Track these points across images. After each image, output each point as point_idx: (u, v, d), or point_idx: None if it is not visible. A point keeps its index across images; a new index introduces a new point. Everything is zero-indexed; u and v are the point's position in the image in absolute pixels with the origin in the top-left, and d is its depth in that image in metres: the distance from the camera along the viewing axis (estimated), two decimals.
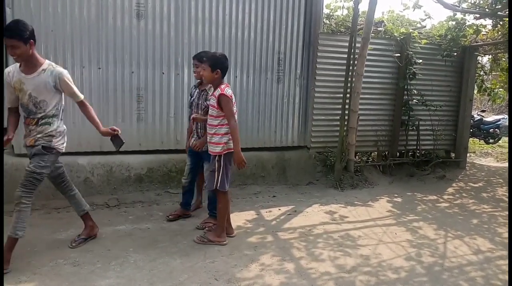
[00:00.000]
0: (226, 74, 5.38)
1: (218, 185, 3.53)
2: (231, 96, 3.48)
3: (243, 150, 5.55)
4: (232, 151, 3.53)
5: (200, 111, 3.93)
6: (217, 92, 3.48)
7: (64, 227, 3.86)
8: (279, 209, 4.73)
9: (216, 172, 3.54)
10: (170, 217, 4.16)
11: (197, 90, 4.03)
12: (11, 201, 4.26)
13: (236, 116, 3.52)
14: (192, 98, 4.06)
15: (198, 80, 4.07)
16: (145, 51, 4.96)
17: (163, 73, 5.09)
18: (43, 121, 3.16)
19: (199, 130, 3.94)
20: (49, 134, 3.19)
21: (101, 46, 4.75)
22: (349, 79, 5.67)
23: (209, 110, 3.57)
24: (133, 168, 4.87)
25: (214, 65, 3.46)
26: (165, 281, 2.97)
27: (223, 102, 3.43)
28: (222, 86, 3.48)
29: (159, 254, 3.40)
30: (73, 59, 4.66)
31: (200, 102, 3.94)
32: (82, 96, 3.32)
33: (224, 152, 3.53)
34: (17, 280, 2.88)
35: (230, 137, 3.49)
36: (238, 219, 4.32)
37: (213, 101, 3.52)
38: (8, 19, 4.34)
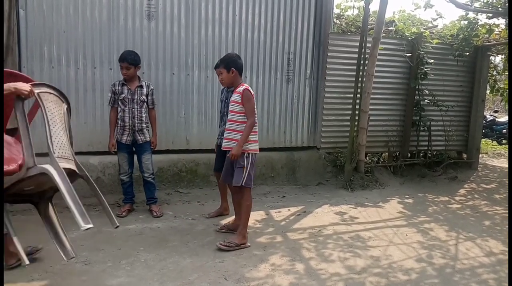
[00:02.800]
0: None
1: (245, 181, 3.59)
2: (253, 95, 3.61)
3: None
4: (257, 152, 3.66)
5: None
6: (240, 88, 3.57)
7: (76, 226, 3.86)
8: (289, 210, 4.72)
9: (245, 169, 3.59)
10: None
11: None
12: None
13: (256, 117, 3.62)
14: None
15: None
16: (156, 52, 4.99)
17: (173, 74, 5.12)
18: None
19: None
20: None
21: (113, 47, 4.80)
22: (360, 79, 5.64)
23: (231, 106, 3.62)
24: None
25: (228, 65, 3.60)
26: (175, 280, 2.98)
27: (246, 97, 3.54)
28: (245, 85, 3.62)
29: (169, 253, 3.42)
30: (85, 60, 4.72)
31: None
32: None
33: (253, 151, 3.62)
34: (29, 278, 2.91)
35: (254, 136, 3.62)
36: None
37: (236, 97, 3.58)
38: (22, 21, 4.41)
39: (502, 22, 6.69)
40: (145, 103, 4.21)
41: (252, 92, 3.61)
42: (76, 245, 3.49)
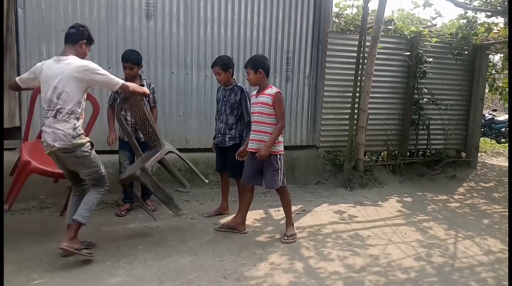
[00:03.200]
0: (238, 73, 5.42)
1: (282, 181, 3.71)
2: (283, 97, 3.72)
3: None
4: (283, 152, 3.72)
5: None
6: (272, 90, 3.63)
7: None
8: None
9: (279, 170, 3.68)
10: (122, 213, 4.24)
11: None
12: (24, 199, 4.34)
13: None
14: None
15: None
16: (154, 51, 4.98)
17: (172, 72, 5.12)
18: None
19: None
20: None
21: (111, 46, 4.79)
22: (359, 78, 5.64)
23: (261, 108, 3.64)
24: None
25: (256, 66, 3.64)
26: (175, 280, 2.98)
27: (278, 100, 3.61)
28: (274, 87, 3.69)
29: (169, 252, 3.42)
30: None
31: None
32: None
33: (282, 152, 3.69)
34: (28, 278, 2.91)
35: (281, 137, 3.69)
36: (246, 218, 4.33)
37: (266, 99, 3.62)
38: (20, 20, 4.40)
39: (501, 21, 6.70)
40: (147, 102, 4.19)
41: (282, 95, 3.71)
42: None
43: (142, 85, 4.13)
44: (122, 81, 3.17)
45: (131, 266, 3.16)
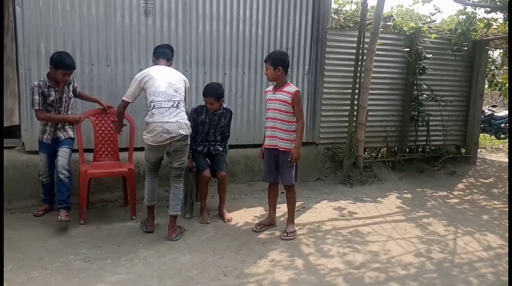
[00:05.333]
0: (237, 70, 5.40)
1: (297, 177, 3.82)
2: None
3: (251, 146, 5.62)
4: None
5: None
6: (291, 89, 3.64)
7: (75, 223, 3.90)
8: None
9: (293, 167, 3.75)
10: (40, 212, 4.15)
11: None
12: (23, 198, 4.34)
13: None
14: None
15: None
16: (153, 48, 4.95)
17: None
18: None
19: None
20: None
21: (110, 44, 4.78)
22: (358, 74, 5.63)
23: (278, 105, 3.66)
24: (141, 164, 4.87)
25: (275, 63, 3.62)
26: (175, 277, 2.99)
27: (297, 99, 3.64)
28: (292, 85, 3.72)
29: (169, 250, 3.43)
30: (82, 57, 4.69)
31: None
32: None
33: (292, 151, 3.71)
34: (28, 276, 2.92)
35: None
36: (246, 215, 4.34)
37: (285, 97, 3.63)
38: (18, 18, 4.38)
39: (500, 16, 6.69)
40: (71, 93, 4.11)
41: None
42: (75, 242, 3.51)
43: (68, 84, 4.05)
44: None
45: (131, 264, 3.17)
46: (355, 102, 5.70)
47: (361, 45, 5.54)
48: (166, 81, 3.52)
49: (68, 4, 4.55)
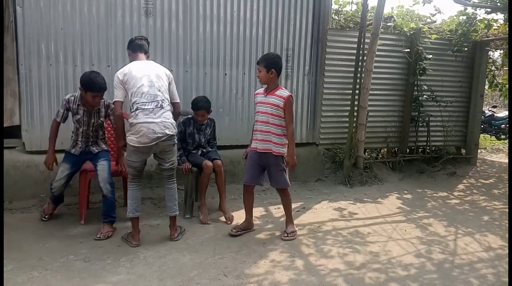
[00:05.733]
0: (237, 71, 5.39)
1: (288, 181, 3.73)
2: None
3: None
4: None
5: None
6: (284, 93, 3.59)
7: (75, 223, 3.90)
8: None
9: (285, 171, 3.68)
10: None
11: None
12: (24, 198, 4.35)
13: None
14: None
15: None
16: (154, 48, 4.97)
17: (171, 70, 5.06)
18: None
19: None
20: None
21: (110, 44, 4.78)
22: (358, 75, 5.64)
23: (270, 109, 3.59)
24: None
25: (269, 65, 3.57)
26: (175, 277, 2.99)
27: (289, 104, 3.58)
28: (284, 89, 3.67)
29: (169, 250, 3.43)
30: (83, 57, 4.70)
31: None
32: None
33: (285, 154, 3.67)
34: (29, 276, 2.92)
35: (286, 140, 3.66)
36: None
37: (277, 101, 3.57)
38: (19, 18, 4.39)
39: (500, 17, 6.69)
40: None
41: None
42: (75, 242, 3.51)
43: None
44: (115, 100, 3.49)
45: (132, 264, 3.17)
46: (356, 102, 5.70)
47: (361, 46, 5.55)
48: (148, 80, 3.38)
49: (68, 5, 4.55)
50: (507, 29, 6.61)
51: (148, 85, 3.36)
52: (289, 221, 3.88)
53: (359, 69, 5.62)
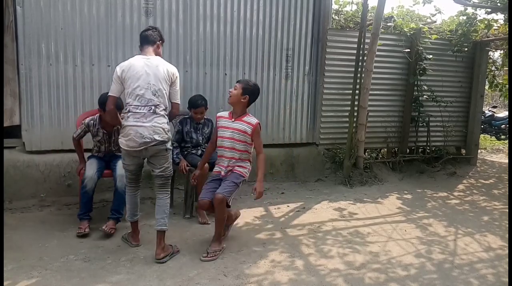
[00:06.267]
0: (237, 70, 5.37)
1: (232, 197, 3.50)
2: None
3: None
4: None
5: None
6: (252, 120, 3.50)
7: (75, 223, 3.89)
8: (288, 206, 4.73)
9: (237, 186, 3.47)
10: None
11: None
12: (24, 198, 4.35)
13: None
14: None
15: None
16: None
17: None
18: None
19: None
20: None
21: (110, 44, 4.78)
22: (358, 75, 5.63)
23: (237, 134, 3.47)
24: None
25: (246, 90, 3.48)
26: (175, 277, 2.99)
27: (257, 132, 3.49)
28: (252, 116, 3.58)
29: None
30: (83, 57, 4.70)
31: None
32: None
33: (246, 178, 3.56)
34: (29, 276, 2.92)
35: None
36: (246, 215, 4.34)
37: (244, 127, 3.46)
38: (19, 18, 4.39)
39: (501, 17, 6.68)
40: None
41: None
42: (75, 242, 3.51)
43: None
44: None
45: (132, 264, 3.17)
46: (356, 103, 5.70)
47: (361, 46, 5.55)
48: (145, 82, 3.17)
49: (69, 4, 4.55)
50: (507, 29, 6.62)
51: (144, 88, 3.17)
52: (216, 238, 3.45)
53: (359, 69, 5.62)
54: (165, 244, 3.28)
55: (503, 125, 10.58)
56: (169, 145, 3.31)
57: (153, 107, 3.19)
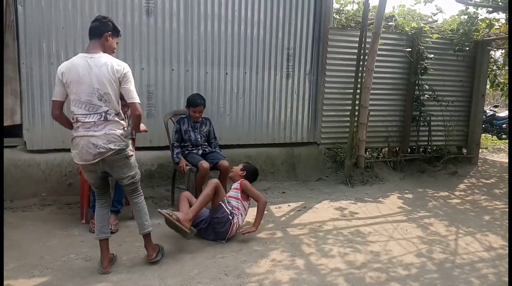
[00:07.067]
0: (238, 70, 5.35)
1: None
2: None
3: (252, 146, 5.63)
4: None
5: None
6: (235, 184, 3.85)
7: (76, 222, 3.91)
8: (289, 205, 4.73)
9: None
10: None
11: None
12: (25, 197, 4.35)
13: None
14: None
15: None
16: (155, 48, 4.97)
17: (172, 69, 5.10)
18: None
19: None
20: None
21: None
22: (360, 74, 5.63)
23: (232, 201, 3.76)
24: (143, 163, 4.89)
25: (246, 167, 4.03)
26: (176, 276, 2.99)
27: (245, 188, 3.80)
28: (237, 182, 3.90)
29: (170, 249, 3.43)
30: None
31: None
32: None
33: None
34: (30, 275, 2.92)
35: None
36: (247, 214, 4.33)
37: (233, 193, 3.82)
38: (20, 17, 4.39)
39: (502, 16, 6.68)
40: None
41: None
42: (76, 241, 3.51)
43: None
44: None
45: (133, 263, 3.17)
46: (357, 102, 5.69)
47: (362, 45, 5.54)
48: (89, 86, 2.78)
49: (70, 3, 4.55)
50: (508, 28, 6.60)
51: (88, 93, 2.78)
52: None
53: (360, 68, 5.62)
54: (154, 245, 3.22)
55: (504, 125, 10.58)
56: (129, 151, 2.97)
57: (103, 114, 2.82)
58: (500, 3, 6.21)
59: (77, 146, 2.85)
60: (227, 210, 3.60)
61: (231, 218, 3.59)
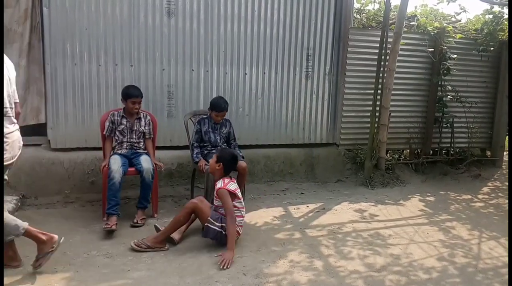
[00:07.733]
0: (257, 70, 5.36)
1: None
2: (234, 190, 3.50)
3: (271, 146, 5.63)
4: None
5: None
6: (217, 185, 3.52)
7: (98, 220, 3.98)
8: (307, 206, 4.71)
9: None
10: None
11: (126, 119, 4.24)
12: (49, 194, 4.46)
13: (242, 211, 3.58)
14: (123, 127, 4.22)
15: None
16: (176, 48, 5.03)
17: (192, 70, 5.15)
18: None
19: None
20: None
21: (133, 44, 4.85)
22: (381, 75, 5.56)
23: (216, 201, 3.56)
24: (164, 163, 4.94)
25: (220, 157, 3.59)
26: (195, 275, 3.01)
27: (220, 195, 3.45)
28: (226, 180, 3.53)
29: (188, 247, 3.46)
30: (106, 57, 4.78)
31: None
32: None
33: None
34: (53, 270, 2.99)
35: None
36: (265, 215, 4.34)
37: (219, 202, 3.55)
38: (45, 19, 4.50)
39: None
40: (142, 135, 4.27)
41: (231, 189, 3.48)
42: (98, 238, 3.57)
43: (139, 118, 4.24)
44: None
45: (152, 261, 3.21)
46: (378, 103, 5.62)
47: (384, 45, 5.47)
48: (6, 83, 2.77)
49: (93, 5, 4.64)
50: None
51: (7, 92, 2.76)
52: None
53: (381, 69, 5.55)
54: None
55: None
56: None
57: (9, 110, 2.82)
58: None
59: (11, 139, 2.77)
60: (216, 228, 3.38)
61: (223, 231, 3.39)
